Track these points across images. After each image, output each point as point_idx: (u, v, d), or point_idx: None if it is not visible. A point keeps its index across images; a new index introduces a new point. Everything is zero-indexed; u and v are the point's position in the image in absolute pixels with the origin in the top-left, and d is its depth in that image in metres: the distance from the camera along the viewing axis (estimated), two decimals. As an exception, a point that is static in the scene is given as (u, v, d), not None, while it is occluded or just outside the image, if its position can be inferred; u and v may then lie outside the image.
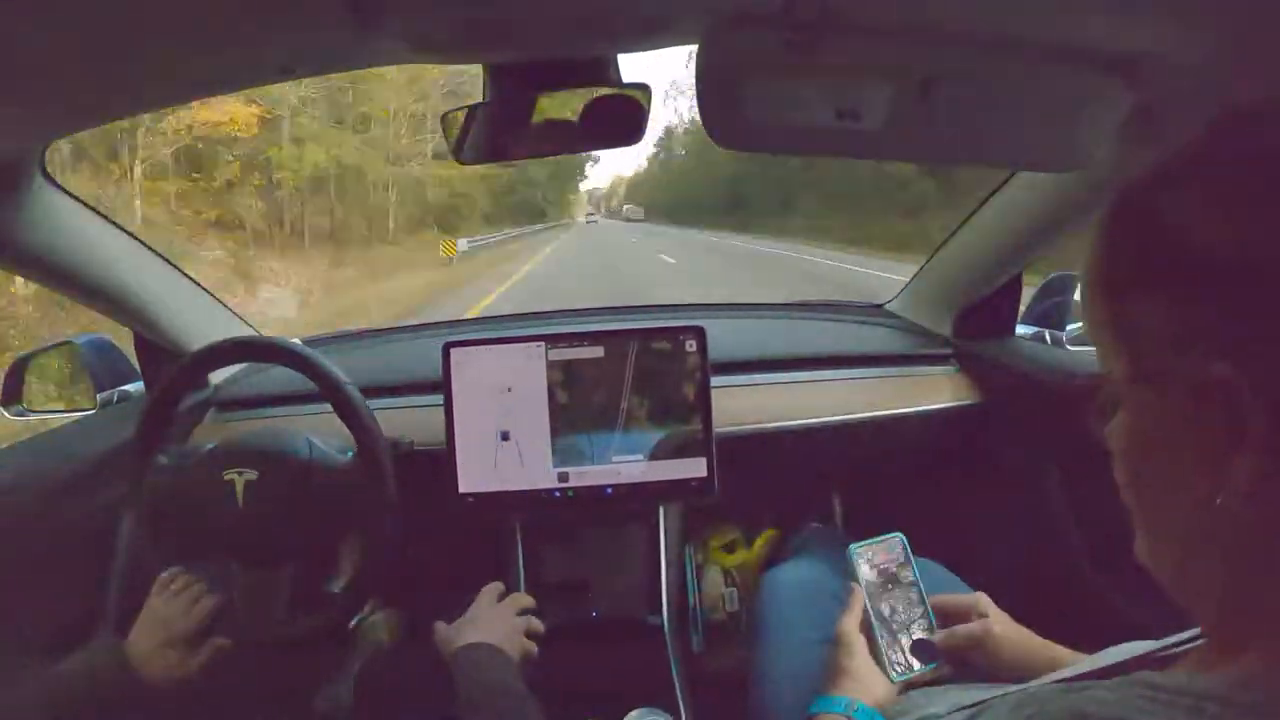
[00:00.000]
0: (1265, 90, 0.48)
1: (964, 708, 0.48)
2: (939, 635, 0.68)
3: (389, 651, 1.12)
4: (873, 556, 0.72)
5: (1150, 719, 0.27)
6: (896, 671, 0.66)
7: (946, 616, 0.70)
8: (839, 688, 0.63)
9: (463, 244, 15.87)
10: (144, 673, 0.73)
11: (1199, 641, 0.38)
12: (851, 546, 0.72)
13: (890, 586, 0.70)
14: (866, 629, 0.68)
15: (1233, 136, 0.32)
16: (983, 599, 0.71)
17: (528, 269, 13.18)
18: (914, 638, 0.68)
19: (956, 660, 0.67)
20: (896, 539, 0.73)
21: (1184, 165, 0.32)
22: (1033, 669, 0.63)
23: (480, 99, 0.68)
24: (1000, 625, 0.67)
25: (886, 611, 0.69)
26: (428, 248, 16.46)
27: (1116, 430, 0.35)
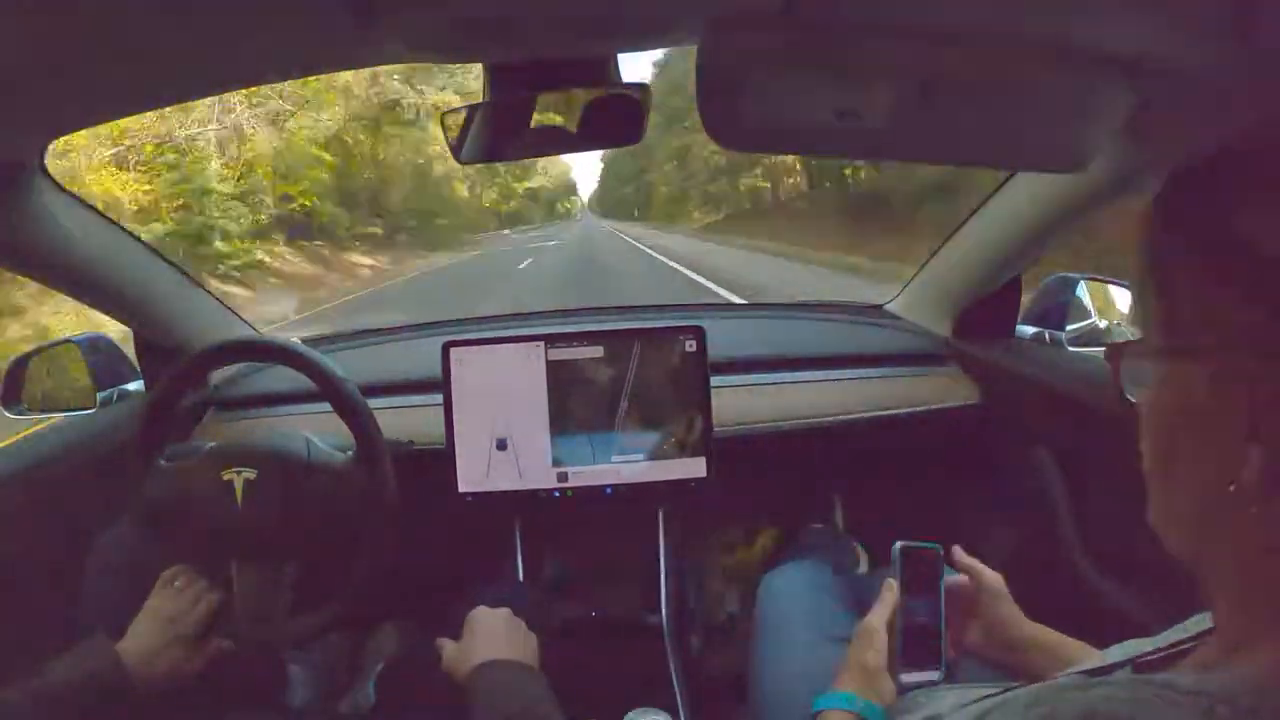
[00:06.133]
0: (1269, 92, 0.48)
1: (971, 703, 0.48)
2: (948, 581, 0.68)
3: (408, 653, 1.12)
4: (913, 560, 0.71)
5: (1163, 719, 0.27)
6: (904, 677, 0.65)
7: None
8: (851, 683, 0.63)
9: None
10: (141, 674, 0.72)
11: (1204, 639, 0.38)
12: (898, 544, 0.71)
13: (918, 594, 0.70)
14: (890, 630, 0.67)
15: None
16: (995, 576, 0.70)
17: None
18: (928, 647, 0.68)
19: (953, 624, 0.67)
20: (937, 550, 0.72)
21: (1243, 155, 0.33)
22: (1025, 651, 0.64)
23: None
24: (1000, 591, 0.67)
25: (912, 616, 0.68)
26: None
27: (1148, 399, 0.36)
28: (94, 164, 10.04)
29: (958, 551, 0.71)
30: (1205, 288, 0.32)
